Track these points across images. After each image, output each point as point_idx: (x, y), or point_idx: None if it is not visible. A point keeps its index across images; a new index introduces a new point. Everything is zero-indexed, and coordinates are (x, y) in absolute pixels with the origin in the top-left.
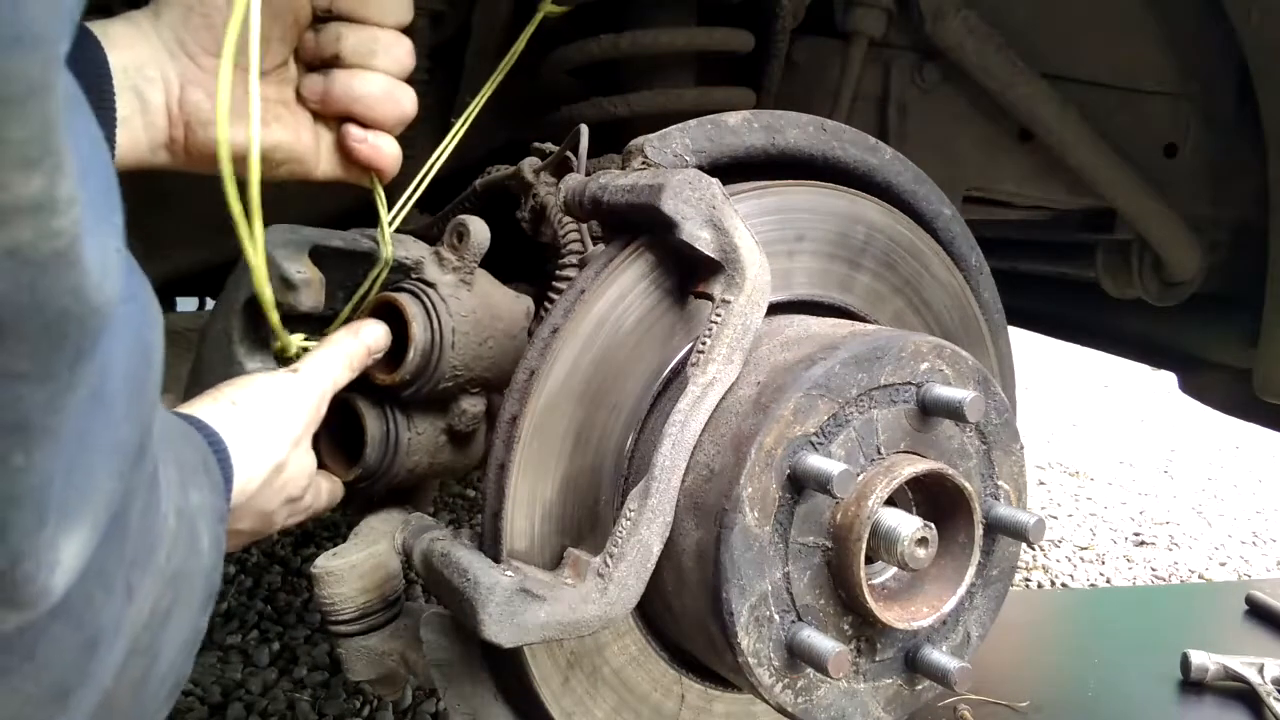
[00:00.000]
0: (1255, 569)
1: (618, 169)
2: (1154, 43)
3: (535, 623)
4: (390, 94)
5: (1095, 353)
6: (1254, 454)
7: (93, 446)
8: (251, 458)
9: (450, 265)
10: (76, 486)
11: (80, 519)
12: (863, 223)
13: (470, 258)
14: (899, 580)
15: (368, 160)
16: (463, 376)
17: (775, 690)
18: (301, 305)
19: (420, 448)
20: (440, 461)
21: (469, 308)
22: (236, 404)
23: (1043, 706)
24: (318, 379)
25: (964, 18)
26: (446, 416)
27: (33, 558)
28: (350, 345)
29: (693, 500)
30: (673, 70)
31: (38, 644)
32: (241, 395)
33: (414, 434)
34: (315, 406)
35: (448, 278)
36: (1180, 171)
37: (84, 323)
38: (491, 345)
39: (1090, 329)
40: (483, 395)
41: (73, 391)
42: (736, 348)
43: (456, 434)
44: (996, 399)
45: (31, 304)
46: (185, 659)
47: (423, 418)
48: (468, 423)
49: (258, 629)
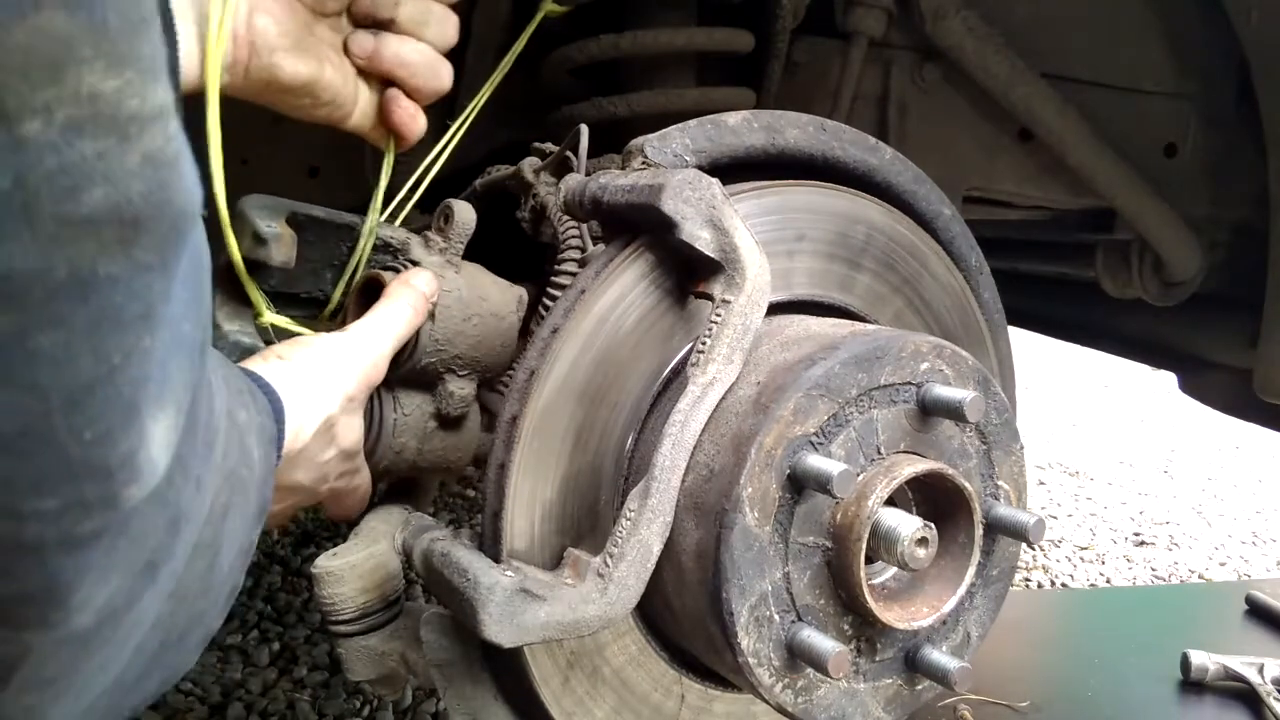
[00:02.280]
0: (1255, 569)
1: (618, 169)
2: (1154, 43)
3: (535, 623)
4: (433, 66)
5: (1095, 353)
6: (1254, 454)
7: (177, 335)
8: (302, 407)
9: (436, 246)
10: (169, 371)
11: (170, 403)
12: (863, 223)
13: (456, 239)
14: (899, 580)
15: (401, 125)
16: (446, 353)
17: (775, 690)
18: (272, 260)
19: (407, 429)
20: (431, 449)
21: (452, 285)
22: (284, 358)
23: (1043, 706)
24: (372, 337)
25: (964, 18)
26: (435, 400)
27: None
28: (406, 295)
29: (693, 500)
30: (673, 70)
31: (132, 520)
32: (290, 351)
33: (400, 414)
34: (372, 363)
35: (433, 258)
36: (1180, 171)
37: (190, 217)
38: (476, 324)
39: (1090, 329)
40: (471, 379)
41: (176, 280)
42: (736, 348)
43: (445, 418)
44: (996, 399)
45: (163, 201)
46: (240, 567)
47: (409, 399)
48: (455, 405)
49: (258, 629)
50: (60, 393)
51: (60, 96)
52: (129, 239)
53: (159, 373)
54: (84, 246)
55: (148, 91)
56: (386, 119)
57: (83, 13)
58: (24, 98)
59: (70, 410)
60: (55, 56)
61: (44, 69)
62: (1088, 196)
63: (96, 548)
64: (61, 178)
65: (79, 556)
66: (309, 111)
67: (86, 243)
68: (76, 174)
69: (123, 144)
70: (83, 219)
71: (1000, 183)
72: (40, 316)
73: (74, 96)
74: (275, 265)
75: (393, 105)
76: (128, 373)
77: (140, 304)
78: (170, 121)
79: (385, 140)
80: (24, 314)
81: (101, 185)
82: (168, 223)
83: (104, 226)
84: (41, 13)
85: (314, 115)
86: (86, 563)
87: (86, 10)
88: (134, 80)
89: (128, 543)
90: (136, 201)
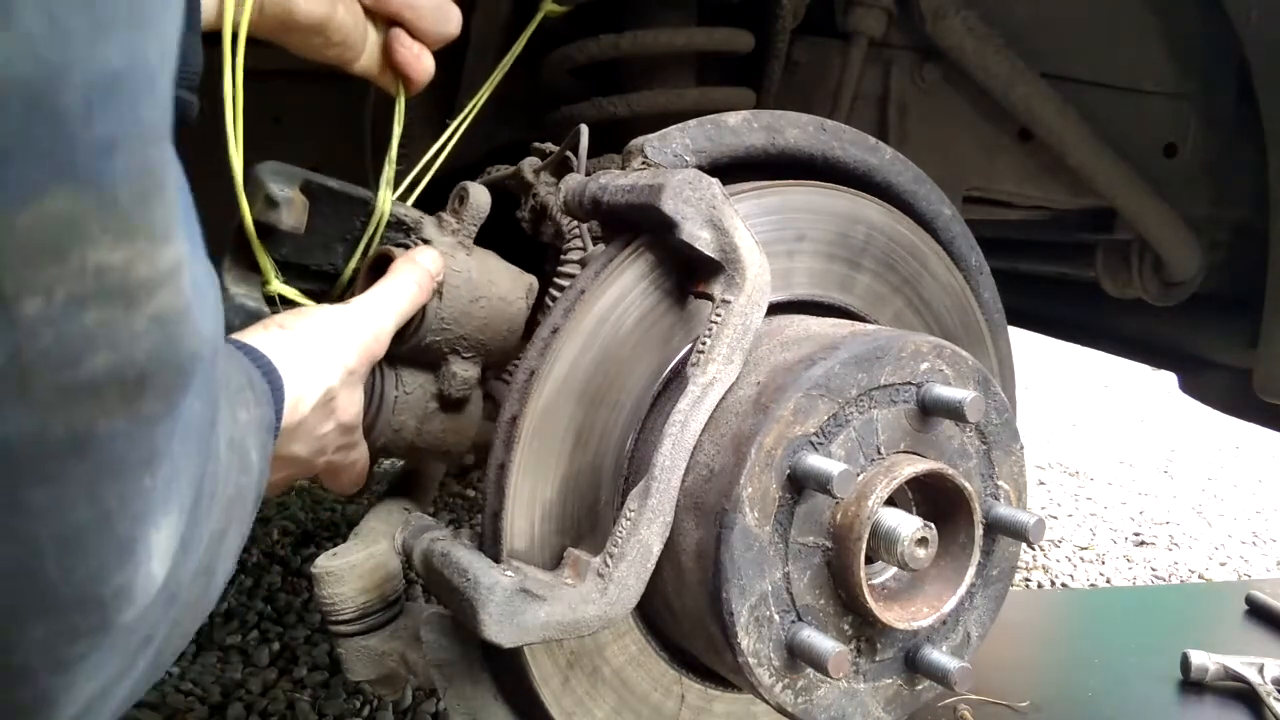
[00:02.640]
0: (1255, 569)
1: (618, 169)
2: (1154, 43)
3: (535, 623)
4: (441, 8)
5: (1095, 353)
6: (1254, 454)
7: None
8: (302, 377)
9: (449, 228)
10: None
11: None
12: (863, 223)
13: (469, 221)
14: (899, 580)
15: (405, 65)
16: (451, 332)
17: (775, 690)
18: (282, 223)
19: (407, 408)
20: (430, 430)
21: (462, 266)
22: (285, 327)
23: (1043, 706)
24: (375, 311)
25: (964, 18)
26: (438, 381)
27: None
28: (411, 272)
29: (693, 500)
30: (673, 70)
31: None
32: (292, 320)
33: (401, 392)
34: (374, 336)
35: (446, 239)
36: (1180, 171)
37: (198, 358)
38: (484, 306)
39: (1090, 329)
40: (476, 362)
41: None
42: (736, 348)
43: (447, 400)
44: (996, 399)
45: (171, 355)
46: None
47: (412, 378)
48: (457, 387)
49: (258, 629)
50: (50, 540)
51: (63, 275)
52: (132, 396)
53: (162, 493)
54: (83, 409)
55: (158, 255)
56: (391, 60)
57: (91, 191)
58: (23, 280)
59: (61, 554)
60: (60, 238)
61: (46, 252)
62: (1088, 196)
63: (87, 662)
64: (60, 349)
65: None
66: (320, 51)
67: (86, 405)
68: (77, 344)
69: (129, 310)
70: (82, 384)
71: (1000, 183)
72: (32, 474)
73: (78, 273)
74: (285, 229)
75: (396, 44)
76: (126, 513)
77: (143, 451)
78: (182, 276)
79: (394, 85)
80: (15, 472)
81: (104, 351)
82: (175, 373)
83: (105, 389)
84: (45, 197)
85: (324, 55)
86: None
87: (95, 188)
88: (144, 248)
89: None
90: (141, 361)
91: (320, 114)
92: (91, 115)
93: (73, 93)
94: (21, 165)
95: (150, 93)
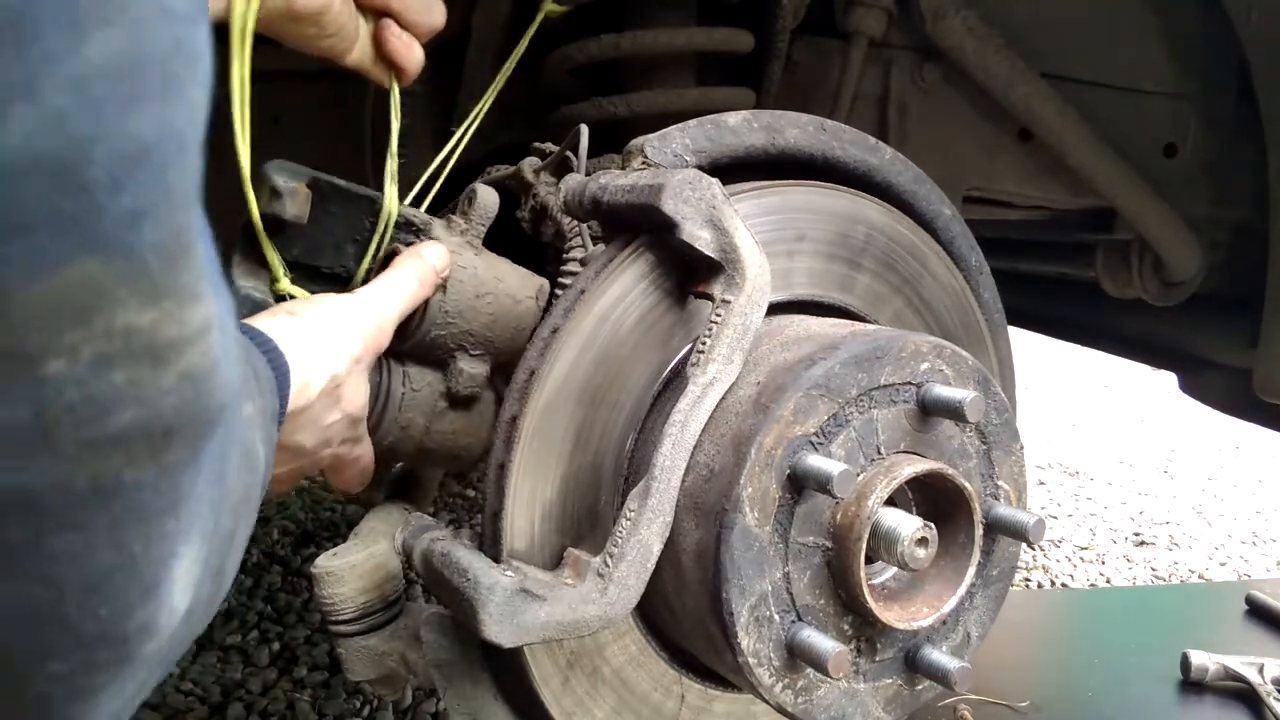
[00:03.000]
0: (1255, 569)
1: (618, 169)
2: (1154, 42)
3: (535, 623)
4: (426, 1)
5: (1095, 353)
6: (1254, 454)
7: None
8: (309, 363)
9: (458, 228)
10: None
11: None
12: (863, 223)
13: (477, 221)
14: (899, 580)
15: (395, 55)
16: (456, 327)
17: (775, 690)
18: (285, 213)
19: (415, 405)
20: (440, 430)
21: (469, 263)
22: (294, 314)
23: (1043, 706)
24: (381, 301)
25: (964, 18)
26: (446, 378)
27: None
28: (414, 266)
29: (693, 500)
30: (673, 70)
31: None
32: (300, 307)
33: (409, 389)
34: (378, 327)
35: (454, 239)
36: (1180, 171)
37: (225, 408)
38: (490, 302)
39: (1090, 329)
40: (484, 360)
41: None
42: (736, 348)
43: (456, 398)
44: (996, 399)
45: (198, 411)
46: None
47: (420, 375)
48: (465, 384)
49: (258, 629)
50: (74, 584)
51: (89, 336)
52: (159, 448)
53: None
54: (108, 461)
55: (186, 316)
56: (383, 50)
57: (119, 259)
58: (46, 342)
59: (85, 595)
60: (86, 303)
61: (71, 315)
62: (1088, 196)
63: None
64: (86, 406)
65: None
66: (313, 42)
67: (112, 458)
68: (104, 402)
69: (157, 369)
70: (108, 439)
71: (1000, 183)
72: (56, 523)
73: (105, 334)
74: (289, 219)
75: (386, 34)
76: (150, 556)
77: (168, 498)
78: (210, 334)
79: (386, 76)
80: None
81: (131, 408)
82: (201, 425)
83: (133, 442)
84: (71, 266)
85: (318, 46)
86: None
87: (123, 255)
88: (172, 310)
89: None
90: (169, 416)
91: (320, 114)
92: (119, 187)
93: (100, 166)
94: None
95: (180, 161)
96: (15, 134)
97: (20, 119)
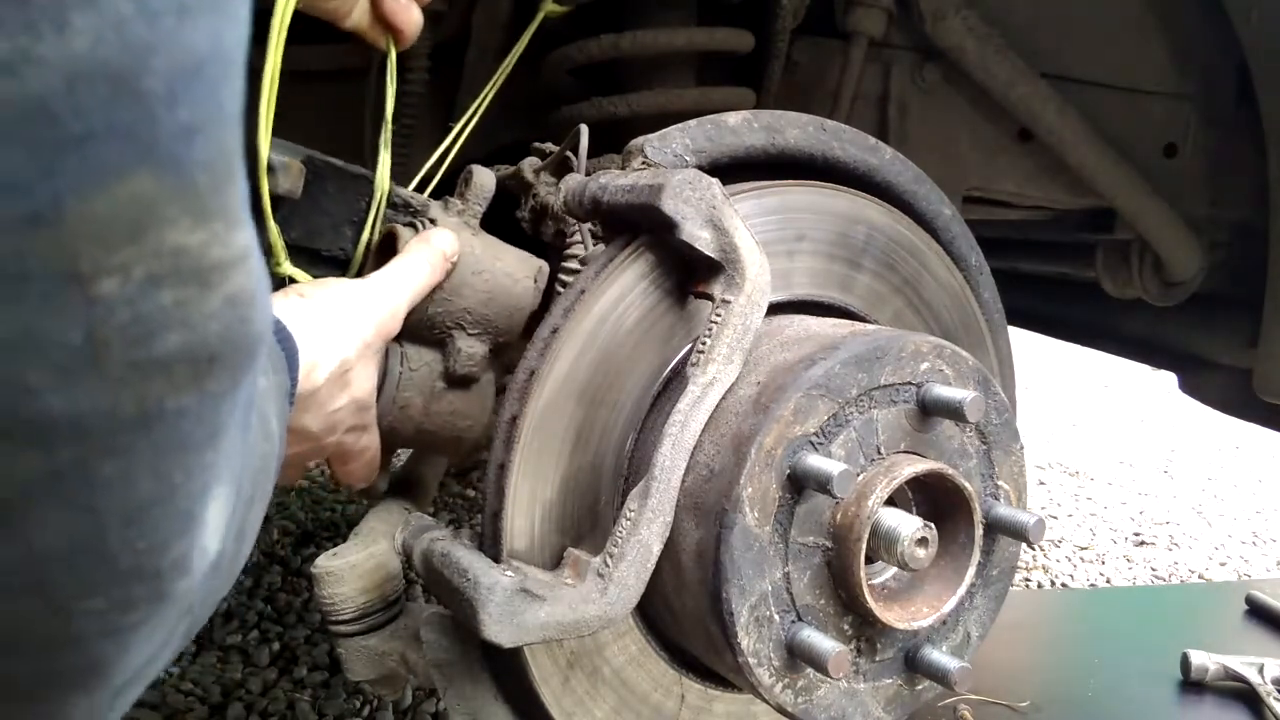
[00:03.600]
0: (1255, 569)
1: (618, 169)
2: (1154, 43)
3: (535, 623)
4: None
5: (1095, 353)
6: (1254, 454)
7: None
8: (318, 346)
9: (455, 209)
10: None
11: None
12: (863, 223)
13: (474, 201)
14: (899, 580)
15: (393, 18)
16: (453, 304)
17: (775, 690)
18: (278, 187)
19: (413, 384)
20: (439, 411)
21: (466, 242)
22: (305, 296)
23: (1043, 706)
24: (391, 288)
25: (964, 18)
26: (444, 359)
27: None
28: (425, 252)
29: (693, 500)
30: (673, 70)
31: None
32: (311, 290)
33: (406, 368)
34: (389, 313)
35: (452, 219)
36: (1180, 171)
37: (263, 339)
38: (486, 280)
39: (1090, 329)
40: (483, 340)
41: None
42: (736, 348)
43: (454, 377)
44: (996, 399)
45: (240, 336)
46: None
47: (418, 354)
48: (463, 363)
49: (258, 629)
50: (116, 513)
51: (141, 255)
52: (202, 374)
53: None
54: (153, 385)
55: (232, 238)
56: (380, 11)
57: (171, 175)
58: (100, 260)
59: (124, 526)
60: (138, 219)
61: (125, 231)
62: (1088, 196)
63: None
64: (134, 327)
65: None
66: (315, 4)
67: (157, 382)
68: (151, 323)
69: (204, 291)
70: (154, 362)
71: (1000, 183)
72: (102, 448)
73: (155, 253)
74: (283, 194)
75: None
76: (189, 488)
77: (208, 427)
78: (252, 259)
79: (384, 39)
80: (85, 447)
81: (178, 331)
82: (243, 353)
83: (177, 366)
84: (126, 179)
85: (319, 8)
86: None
87: (175, 172)
88: (219, 231)
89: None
90: (213, 341)
91: (320, 114)
92: (175, 99)
93: (158, 76)
94: (105, 146)
95: (229, 79)
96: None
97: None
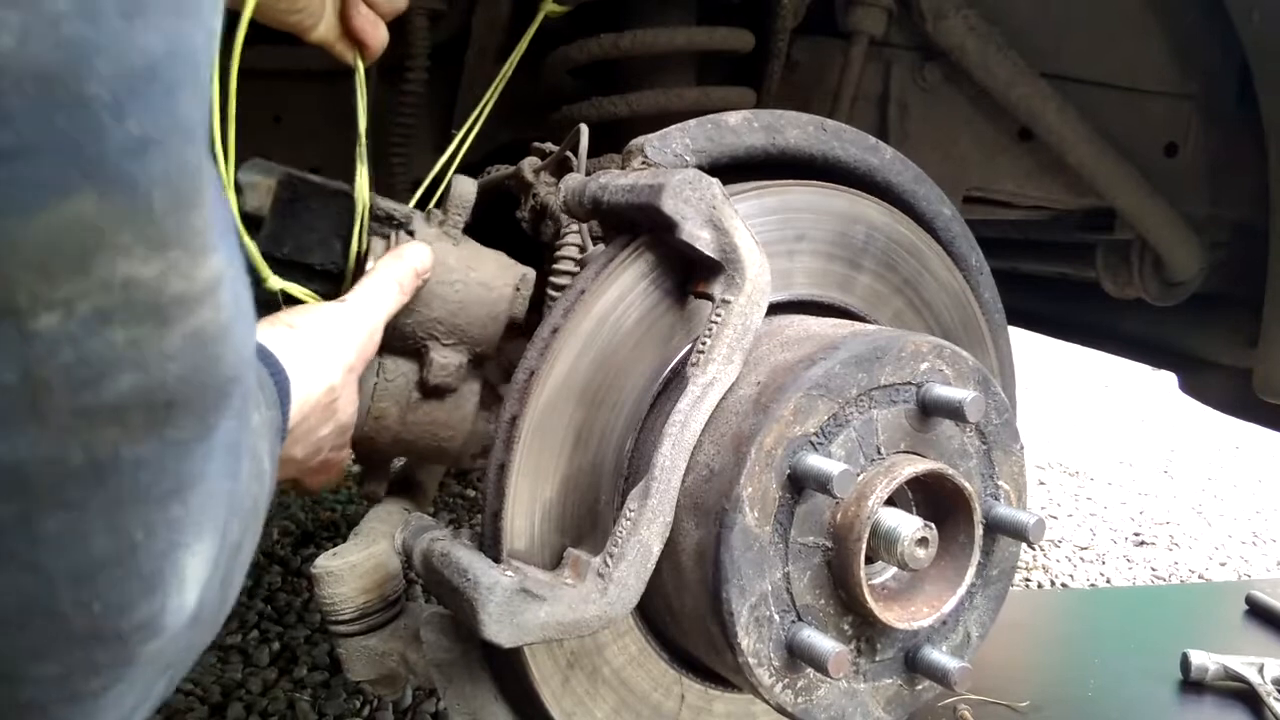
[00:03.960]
0: (1255, 569)
1: (618, 169)
2: (1154, 42)
3: (535, 623)
4: None
5: (1095, 353)
6: (1254, 454)
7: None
8: (307, 378)
9: (435, 219)
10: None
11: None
12: (863, 223)
13: (454, 211)
14: (899, 580)
15: (360, 32)
16: (422, 315)
17: (775, 690)
18: (245, 206)
19: (388, 395)
20: (415, 421)
21: (439, 251)
22: (294, 327)
23: (1043, 706)
24: (368, 308)
25: (964, 17)
26: (420, 369)
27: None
28: (394, 269)
29: (693, 500)
30: (673, 70)
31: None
32: (298, 320)
33: (382, 379)
34: (368, 334)
35: (432, 230)
36: (1180, 171)
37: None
38: (458, 289)
39: (1090, 329)
40: (458, 350)
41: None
42: (736, 348)
43: (429, 388)
44: (996, 399)
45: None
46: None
47: (394, 365)
48: (436, 374)
49: (258, 629)
50: (65, 572)
51: (87, 287)
52: (160, 420)
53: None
54: (104, 434)
55: (196, 268)
56: (347, 26)
57: (120, 195)
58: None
59: (76, 587)
60: (83, 246)
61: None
62: (1088, 196)
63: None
64: (80, 369)
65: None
66: (281, 17)
67: (108, 429)
68: (99, 364)
69: (160, 329)
70: (104, 407)
71: (1000, 183)
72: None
73: (103, 286)
74: (249, 211)
75: (353, 12)
76: (152, 546)
77: (173, 478)
78: (221, 291)
79: (350, 53)
80: (29, 500)
81: (131, 372)
82: (212, 395)
83: (130, 412)
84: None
85: (285, 21)
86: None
87: (126, 193)
88: (180, 260)
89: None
90: (171, 384)
91: (320, 114)
92: (124, 108)
93: (102, 81)
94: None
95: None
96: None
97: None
